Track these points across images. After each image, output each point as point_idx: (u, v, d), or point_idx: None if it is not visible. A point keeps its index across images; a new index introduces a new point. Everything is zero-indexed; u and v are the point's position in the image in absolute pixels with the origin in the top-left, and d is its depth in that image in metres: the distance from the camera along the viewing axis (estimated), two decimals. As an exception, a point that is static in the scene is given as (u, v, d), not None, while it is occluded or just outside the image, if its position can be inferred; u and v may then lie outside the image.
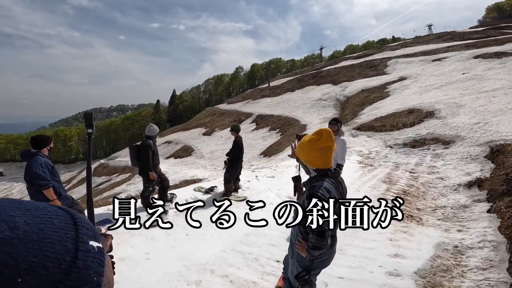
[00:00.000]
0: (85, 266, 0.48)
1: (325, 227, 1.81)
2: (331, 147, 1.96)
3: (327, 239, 1.83)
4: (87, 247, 0.50)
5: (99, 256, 0.52)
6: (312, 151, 1.98)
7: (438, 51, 27.11)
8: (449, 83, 14.96)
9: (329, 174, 1.99)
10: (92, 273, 0.49)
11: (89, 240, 0.52)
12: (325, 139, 1.94)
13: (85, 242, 0.51)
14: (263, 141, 18.76)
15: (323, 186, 1.89)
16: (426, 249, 3.63)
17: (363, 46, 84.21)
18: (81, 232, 0.52)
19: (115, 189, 17.26)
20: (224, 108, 37.58)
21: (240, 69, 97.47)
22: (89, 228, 0.55)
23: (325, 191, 1.86)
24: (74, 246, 0.48)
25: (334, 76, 30.51)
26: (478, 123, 8.47)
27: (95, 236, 0.55)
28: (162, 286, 3.16)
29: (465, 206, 4.96)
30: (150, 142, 5.15)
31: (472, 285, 2.93)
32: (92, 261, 0.50)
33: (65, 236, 0.49)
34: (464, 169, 6.37)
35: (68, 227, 0.51)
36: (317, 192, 1.86)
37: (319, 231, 1.81)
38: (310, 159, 2.01)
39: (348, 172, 7.16)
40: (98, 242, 0.55)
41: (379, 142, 10.40)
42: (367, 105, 16.84)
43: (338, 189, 2.00)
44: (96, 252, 0.52)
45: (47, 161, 3.63)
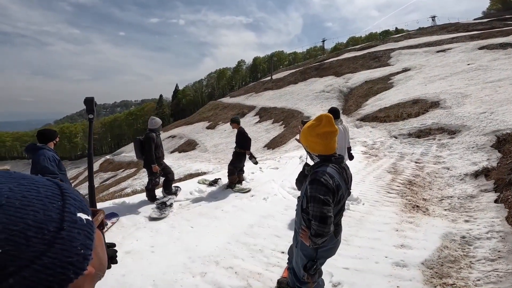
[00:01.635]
0: (70, 237, 0.45)
1: (327, 213, 1.77)
2: (332, 132, 1.91)
3: (330, 226, 1.79)
4: (73, 218, 0.47)
5: (87, 229, 0.49)
6: (311, 137, 1.94)
7: (442, 42, 26.70)
8: (454, 74, 14.76)
9: (333, 159, 1.95)
10: (78, 245, 0.46)
11: (77, 211, 0.49)
12: (325, 124, 1.90)
13: (72, 213, 0.48)
14: (267, 134, 18.72)
15: (326, 171, 1.85)
16: (433, 239, 3.59)
17: (366, 38, 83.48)
18: (68, 202, 0.49)
19: (121, 184, 17.37)
20: (227, 102, 37.54)
21: (242, 62, 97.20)
22: (77, 200, 0.52)
23: (328, 176, 1.82)
24: (59, 216, 0.45)
25: (337, 68, 30.27)
26: (484, 113, 8.36)
27: (83, 208, 0.52)
28: (167, 278, 3.16)
29: (472, 196, 4.90)
30: (152, 134, 5.15)
31: (480, 276, 2.88)
32: (79, 233, 0.47)
33: (50, 205, 0.46)
34: (471, 159, 6.30)
35: (54, 197, 0.48)
36: (319, 177, 1.82)
37: (321, 217, 1.77)
38: (310, 144, 1.98)
39: (352, 162, 7.07)
40: (87, 214, 0.52)
41: (383, 133, 10.34)
42: (371, 96, 16.70)
43: (342, 175, 1.95)
44: (84, 224, 0.49)
45: (54, 155, 3.63)
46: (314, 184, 1.83)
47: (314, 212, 1.81)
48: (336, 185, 1.84)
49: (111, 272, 3.15)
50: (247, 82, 78.05)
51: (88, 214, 0.52)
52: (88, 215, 0.52)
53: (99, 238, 0.58)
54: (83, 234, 0.48)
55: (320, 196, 1.79)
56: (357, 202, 4.91)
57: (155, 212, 4.77)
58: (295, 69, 42.64)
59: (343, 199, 1.98)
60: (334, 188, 1.82)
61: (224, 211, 4.96)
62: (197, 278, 3.18)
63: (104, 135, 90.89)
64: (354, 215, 4.48)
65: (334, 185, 1.82)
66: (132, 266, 3.32)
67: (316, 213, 1.80)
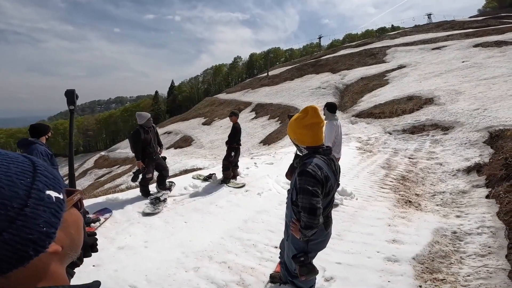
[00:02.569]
0: (34, 214, 0.45)
1: (316, 205, 1.78)
2: (318, 124, 1.92)
3: (319, 218, 1.80)
4: (40, 195, 0.47)
5: (55, 207, 0.49)
6: (298, 129, 1.96)
7: (437, 40, 26.79)
8: (449, 71, 14.84)
9: (321, 151, 1.96)
10: (41, 223, 0.46)
11: (47, 189, 0.49)
12: (311, 116, 1.92)
13: (40, 190, 0.48)
14: (263, 130, 18.73)
15: (314, 162, 1.86)
16: (424, 234, 3.62)
17: (362, 35, 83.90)
18: (39, 179, 0.49)
19: (116, 180, 17.32)
20: (223, 98, 37.44)
21: (239, 59, 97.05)
22: (50, 178, 0.52)
23: (316, 168, 1.83)
24: (25, 193, 0.45)
25: (333, 65, 30.28)
26: (477, 109, 8.43)
27: (55, 186, 0.52)
28: (160, 273, 3.16)
29: (464, 191, 4.95)
30: (138, 130, 5.10)
31: (470, 271, 2.90)
32: (44, 210, 0.47)
33: (18, 181, 0.46)
34: (463, 155, 6.35)
35: (25, 174, 0.48)
36: (308, 168, 1.83)
37: (311, 209, 1.78)
38: (298, 137, 1.98)
39: (347, 158, 7.16)
40: (58, 193, 0.51)
41: (378, 129, 10.39)
42: (366, 93, 16.75)
43: (330, 166, 1.96)
44: (53, 202, 0.49)
45: (46, 150, 3.60)
46: (303, 175, 1.83)
47: (303, 204, 1.81)
48: (325, 176, 1.84)
49: (103, 268, 3.16)
50: (244, 79, 77.81)
51: (60, 193, 0.52)
52: (59, 193, 0.52)
53: (74, 218, 0.58)
54: (49, 212, 0.48)
55: (309, 187, 1.79)
56: (350, 197, 4.94)
57: (149, 207, 4.75)
58: (291, 66, 42.58)
59: (333, 190, 1.98)
60: (323, 179, 1.83)
61: (218, 206, 4.96)
62: (190, 273, 3.18)
63: (99, 131, 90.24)
64: (348, 210, 4.50)
65: (322, 176, 1.83)
66: (125, 262, 3.31)
67: (305, 205, 1.80)
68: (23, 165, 0.49)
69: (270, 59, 67.44)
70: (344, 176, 6.09)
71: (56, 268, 0.53)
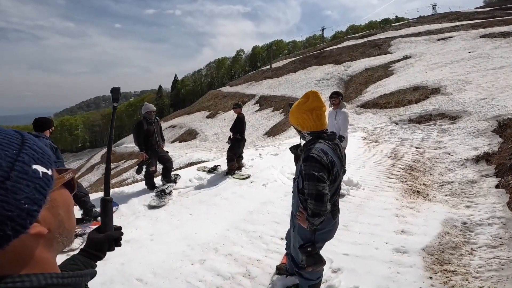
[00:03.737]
0: (15, 188, 0.40)
1: (323, 191, 1.72)
2: (320, 108, 1.90)
3: (326, 204, 1.73)
4: (25, 169, 0.42)
5: (40, 182, 0.44)
6: (300, 114, 1.93)
7: (443, 31, 26.36)
8: (455, 61, 14.63)
9: (325, 136, 1.91)
10: (22, 199, 0.41)
11: (33, 163, 0.44)
12: (313, 100, 1.90)
13: (25, 163, 0.43)
14: (267, 122, 18.67)
15: (319, 147, 1.81)
16: (433, 225, 3.56)
17: (366, 26, 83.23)
18: (25, 152, 0.44)
19: (123, 175, 17.43)
20: (227, 91, 37.31)
21: (241, 52, 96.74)
22: (38, 152, 0.47)
23: (321, 153, 1.78)
24: (8, 165, 0.41)
25: (337, 56, 29.96)
26: (485, 99, 8.32)
27: (44, 161, 0.47)
28: (166, 266, 3.16)
29: (473, 181, 4.87)
30: (141, 121, 5.12)
31: (482, 263, 2.85)
32: (28, 185, 0.42)
33: (2, 152, 0.41)
34: (472, 144, 6.26)
35: (11, 146, 0.43)
36: (312, 154, 1.77)
37: (317, 195, 1.72)
38: (301, 122, 1.94)
39: (352, 148, 7.09)
40: (46, 168, 0.46)
41: (383, 119, 10.28)
42: (371, 84, 16.58)
43: (336, 151, 1.90)
44: (39, 177, 0.44)
45: (51, 143, 3.59)
46: (307, 161, 1.78)
47: (310, 190, 1.75)
48: (331, 162, 1.79)
49: (110, 261, 3.15)
50: (247, 71, 77.57)
51: (49, 169, 0.47)
52: (48, 169, 0.47)
53: (64, 198, 0.52)
54: (33, 187, 0.43)
55: (315, 173, 1.73)
56: (357, 187, 4.88)
57: (154, 200, 4.75)
58: (294, 58, 42.21)
59: (339, 176, 1.93)
60: (329, 165, 1.77)
61: (223, 198, 4.94)
62: (196, 265, 3.18)
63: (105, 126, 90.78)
64: (354, 200, 4.45)
65: (328, 161, 1.77)
66: (131, 255, 3.31)
67: (311, 191, 1.74)
68: (11, 137, 0.45)
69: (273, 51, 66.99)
70: (350, 166, 6.03)
71: (43, 254, 0.48)
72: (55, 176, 0.50)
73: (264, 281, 2.86)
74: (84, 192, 4.35)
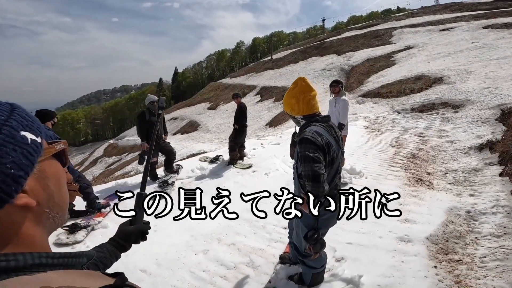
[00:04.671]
0: (0, 152, 0.37)
1: (319, 171, 1.72)
2: (309, 92, 1.95)
3: (323, 184, 1.73)
4: (12, 133, 0.40)
5: (28, 148, 0.41)
6: (291, 99, 1.99)
7: (445, 21, 25.95)
8: (458, 52, 14.48)
9: (318, 119, 1.94)
10: (8, 163, 0.38)
11: (22, 129, 0.41)
12: (301, 86, 1.96)
13: (13, 128, 0.40)
14: (268, 112, 18.60)
15: (313, 130, 1.83)
16: (437, 214, 3.53)
17: (367, 17, 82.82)
18: (14, 118, 0.41)
19: (126, 168, 17.47)
20: (228, 82, 37.11)
21: (241, 43, 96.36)
22: (28, 119, 0.44)
23: (316, 134, 1.79)
24: None
25: (338, 47, 29.64)
26: (488, 88, 8.25)
27: (34, 130, 0.44)
28: (170, 257, 3.17)
29: (477, 169, 4.83)
30: (144, 112, 5.15)
31: (486, 252, 2.83)
32: (14, 150, 0.39)
33: None
34: (475, 132, 6.22)
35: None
36: (306, 136, 1.79)
37: (314, 176, 1.72)
38: (292, 107, 1.99)
39: (355, 137, 7.06)
40: (36, 136, 0.44)
41: (386, 108, 10.22)
42: (373, 74, 16.44)
43: (331, 132, 1.92)
44: (27, 143, 0.41)
45: (55, 134, 3.58)
46: (302, 143, 1.79)
47: (306, 172, 1.75)
48: (326, 143, 1.80)
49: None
50: (247, 63, 77.15)
51: (38, 137, 0.45)
52: (37, 137, 0.44)
53: (54, 169, 0.49)
54: (20, 152, 0.40)
55: (310, 154, 1.74)
56: (359, 176, 4.86)
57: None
58: (295, 49, 41.82)
59: (337, 158, 1.93)
60: (324, 145, 1.78)
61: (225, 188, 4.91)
62: (200, 255, 3.19)
63: (107, 120, 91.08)
64: (357, 189, 4.42)
65: (323, 142, 1.78)
66: (135, 246, 3.28)
67: (307, 172, 1.74)
68: (0, 106, 0.43)
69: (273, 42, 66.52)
70: (352, 155, 6.00)
71: (31, 230, 0.44)
72: (44, 145, 0.47)
73: (267, 270, 2.87)
74: (87, 183, 4.35)
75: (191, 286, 2.76)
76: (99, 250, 0.95)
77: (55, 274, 0.40)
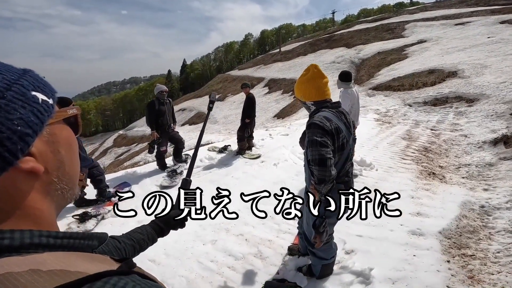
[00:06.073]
0: (8, 107, 0.34)
1: (326, 155, 1.71)
2: (321, 78, 1.96)
3: (330, 169, 1.72)
4: (23, 91, 0.36)
5: (38, 107, 0.38)
6: (302, 84, 2.00)
7: (461, 16, 25.24)
8: (474, 46, 14.12)
9: (328, 105, 1.94)
10: (15, 119, 0.34)
11: (33, 89, 0.38)
12: (312, 72, 1.97)
13: (24, 87, 0.37)
14: (276, 104, 18.48)
15: (322, 115, 1.82)
16: (451, 208, 3.45)
17: (379, 10, 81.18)
18: (25, 78, 0.38)
19: (135, 158, 17.60)
20: (236, 74, 36.96)
21: (250, 36, 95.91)
22: (40, 81, 0.41)
23: (324, 119, 1.78)
24: (5, 86, 0.35)
25: (348, 40, 29.13)
26: (504, 82, 8.09)
27: (46, 91, 0.41)
28: (178, 247, 3.17)
29: (491, 164, 4.71)
30: (153, 101, 5.16)
31: (500, 248, 2.75)
32: (23, 107, 0.35)
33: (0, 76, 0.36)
34: (489, 126, 6.08)
35: (10, 71, 0.38)
36: (314, 121, 1.78)
37: (320, 160, 1.71)
38: (303, 93, 2.01)
39: (365, 129, 6.96)
40: (49, 99, 0.40)
41: (397, 101, 10.04)
42: (384, 67, 16.14)
43: (341, 118, 1.90)
44: (37, 102, 0.38)
45: None
46: (310, 128, 1.80)
47: (313, 156, 1.74)
48: (335, 128, 1.78)
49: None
50: (255, 55, 76.60)
51: (50, 98, 0.41)
52: (49, 99, 0.41)
53: (66, 134, 0.45)
54: (30, 110, 0.36)
55: (317, 138, 1.73)
56: (370, 168, 4.78)
57: (166, 180, 4.77)
58: (304, 41, 41.33)
59: (347, 144, 1.90)
60: (332, 130, 1.76)
61: (234, 178, 4.92)
62: (208, 245, 3.18)
63: (116, 111, 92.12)
64: (367, 181, 4.35)
65: (332, 127, 1.77)
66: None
67: (314, 157, 1.73)
68: (13, 67, 0.40)
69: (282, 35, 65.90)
70: (363, 146, 5.91)
71: (37, 203, 0.39)
72: (56, 108, 0.43)
73: (276, 262, 2.84)
74: (100, 171, 4.37)
75: (199, 276, 2.75)
76: (139, 231, 0.96)
77: (51, 256, 0.35)
